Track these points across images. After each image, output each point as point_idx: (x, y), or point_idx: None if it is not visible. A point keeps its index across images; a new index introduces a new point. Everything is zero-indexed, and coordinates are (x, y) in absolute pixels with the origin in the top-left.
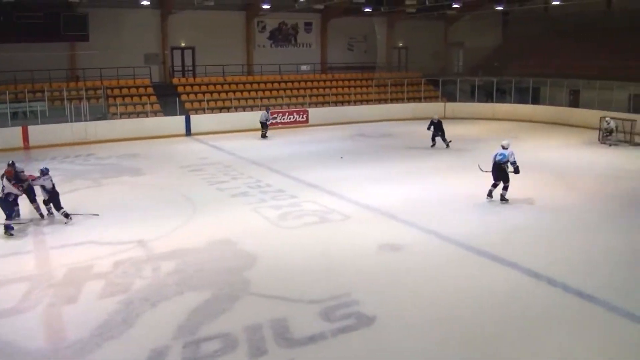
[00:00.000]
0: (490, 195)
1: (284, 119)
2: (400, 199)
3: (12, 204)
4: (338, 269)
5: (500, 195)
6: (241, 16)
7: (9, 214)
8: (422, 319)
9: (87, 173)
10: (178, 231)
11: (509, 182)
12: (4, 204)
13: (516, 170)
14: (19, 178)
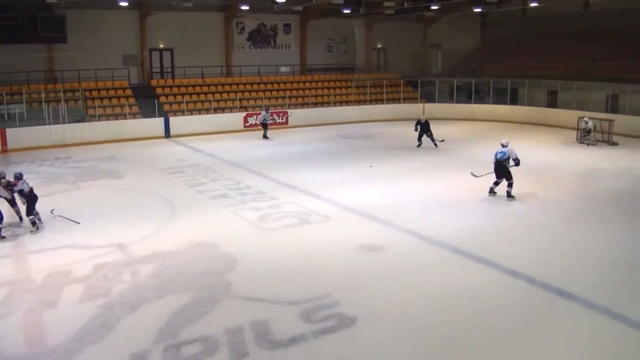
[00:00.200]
0: (492, 192)
1: None
2: (381, 200)
3: None
4: (319, 270)
5: (507, 193)
6: (220, 17)
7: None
8: (403, 319)
9: (66, 176)
10: (158, 234)
11: (512, 179)
12: None
13: (517, 163)
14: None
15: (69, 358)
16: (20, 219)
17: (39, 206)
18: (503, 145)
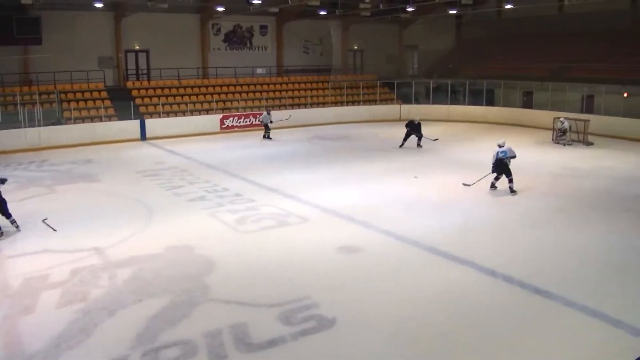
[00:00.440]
0: (493, 186)
1: (240, 122)
2: (358, 201)
3: None
4: (297, 272)
5: (510, 189)
6: (195, 19)
7: None
8: (383, 320)
9: (41, 180)
10: (135, 238)
11: (512, 175)
12: None
13: (514, 157)
14: None
15: None
16: None
17: (15, 213)
18: (500, 146)
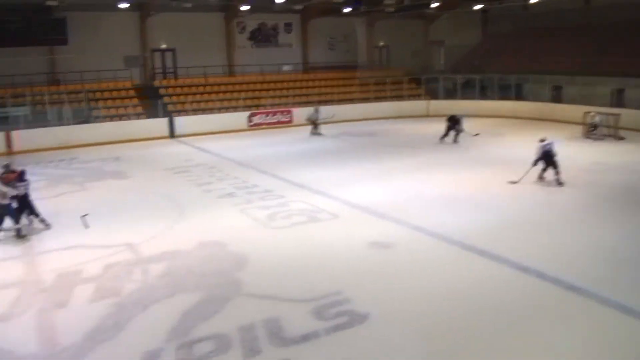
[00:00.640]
0: (542, 178)
1: (267, 119)
2: (388, 197)
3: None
4: (329, 268)
5: (556, 180)
6: (220, 17)
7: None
8: (414, 316)
9: (72, 177)
10: (166, 233)
11: (558, 167)
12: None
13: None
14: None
15: (81, 357)
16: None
17: (43, 209)
18: (542, 140)
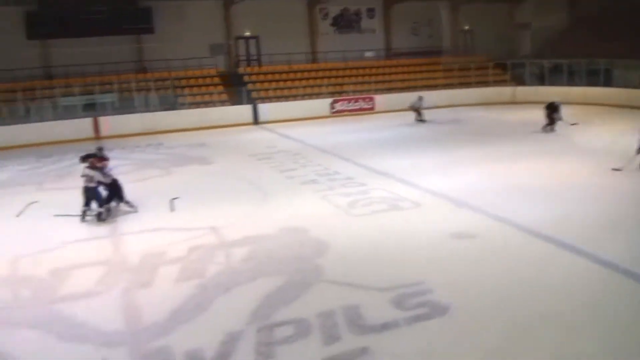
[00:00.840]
0: None
1: (350, 106)
2: (472, 186)
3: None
4: (410, 257)
5: None
6: (303, 4)
7: (100, 203)
8: (498, 309)
9: (157, 162)
10: (249, 218)
11: None
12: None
13: None
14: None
15: (164, 335)
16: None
17: (129, 193)
18: None
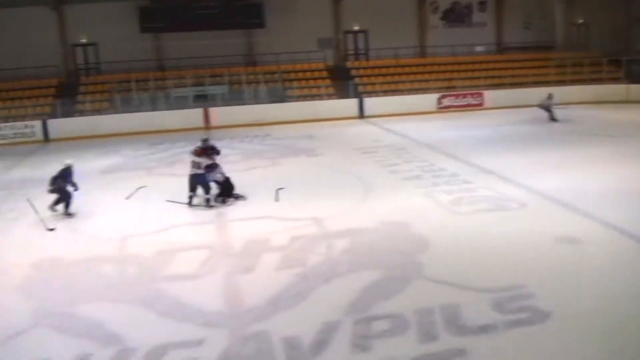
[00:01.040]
0: None
1: (457, 102)
2: (583, 188)
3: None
4: (512, 259)
5: None
6: None
7: (207, 190)
8: (603, 320)
9: (265, 153)
10: (351, 211)
11: None
12: (203, 179)
13: None
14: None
15: (263, 319)
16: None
17: (237, 182)
18: None
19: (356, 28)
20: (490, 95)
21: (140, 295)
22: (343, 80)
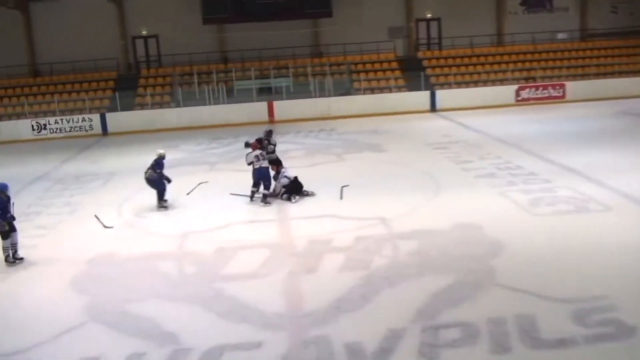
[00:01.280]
0: None
1: (537, 94)
2: None
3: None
4: (594, 267)
5: None
6: None
7: (268, 185)
8: None
9: (330, 148)
10: (420, 211)
11: None
12: (264, 173)
13: None
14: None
15: (324, 324)
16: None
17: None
18: None
19: (429, 16)
20: (573, 87)
21: (198, 294)
22: (414, 71)
